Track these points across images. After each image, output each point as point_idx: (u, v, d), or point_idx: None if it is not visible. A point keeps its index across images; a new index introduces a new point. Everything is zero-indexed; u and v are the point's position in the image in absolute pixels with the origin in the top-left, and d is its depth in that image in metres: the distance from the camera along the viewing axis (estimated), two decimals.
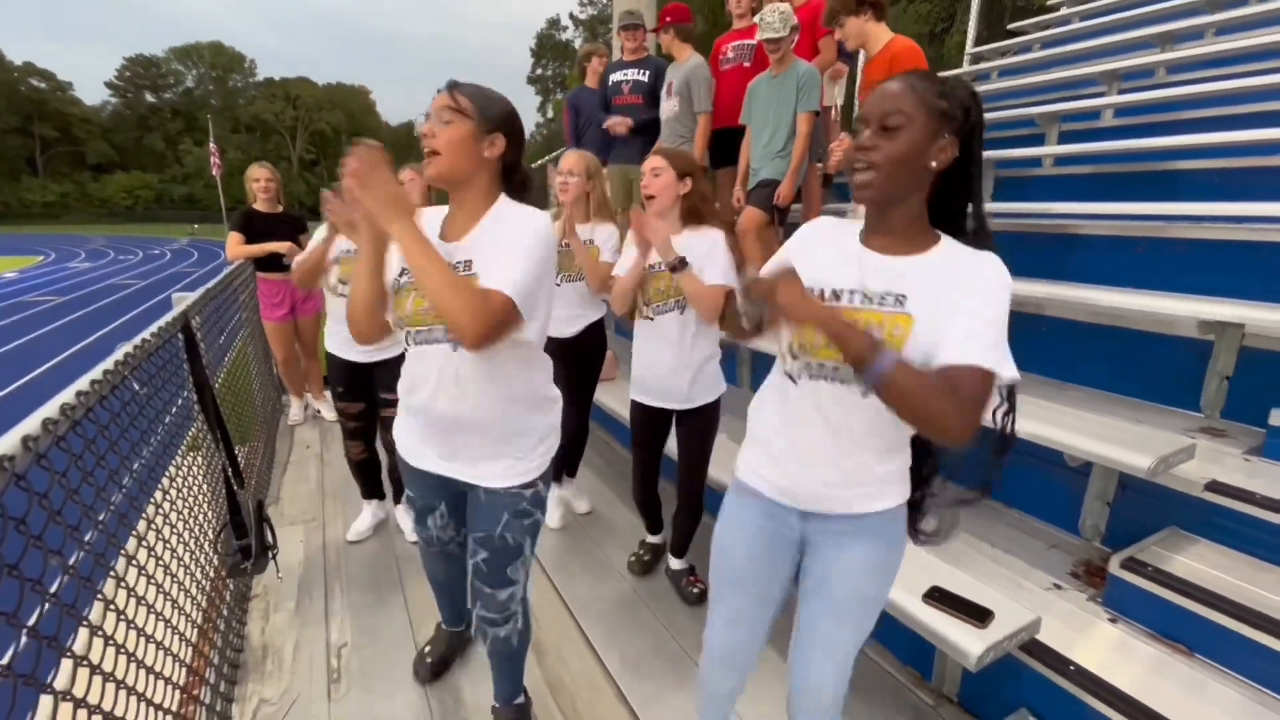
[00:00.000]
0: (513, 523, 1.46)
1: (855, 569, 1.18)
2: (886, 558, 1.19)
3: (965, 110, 1.00)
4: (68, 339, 9.91)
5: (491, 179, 1.32)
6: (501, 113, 1.29)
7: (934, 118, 0.98)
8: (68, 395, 1.08)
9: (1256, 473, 1.81)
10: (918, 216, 1.05)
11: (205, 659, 1.77)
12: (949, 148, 1.00)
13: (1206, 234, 2.49)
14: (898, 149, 0.98)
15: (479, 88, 1.29)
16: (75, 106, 56.40)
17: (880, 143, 0.99)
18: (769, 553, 1.26)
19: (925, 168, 1.00)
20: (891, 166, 0.99)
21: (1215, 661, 1.57)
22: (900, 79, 1.02)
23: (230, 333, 3.33)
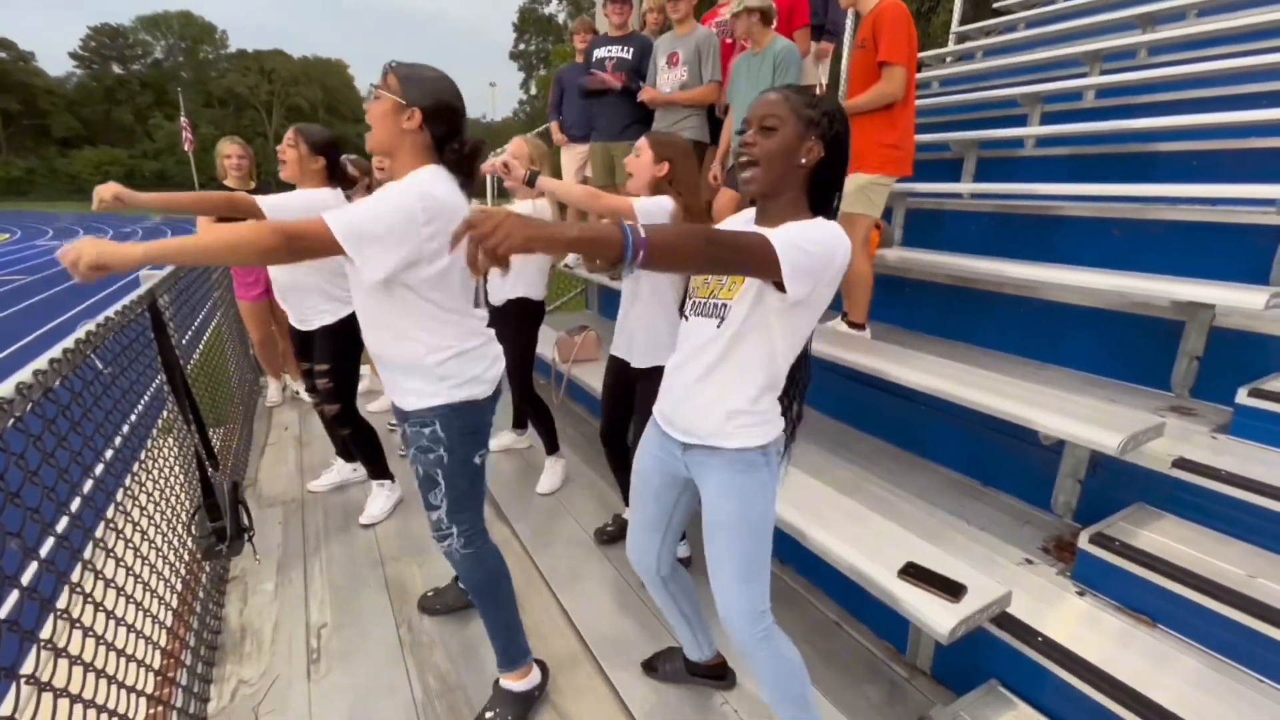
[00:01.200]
0: (419, 456, 1.57)
1: (716, 494, 1.36)
2: (744, 483, 1.33)
3: (830, 120, 1.21)
4: (35, 319, 9.64)
5: (415, 150, 1.45)
6: (421, 90, 1.42)
7: (802, 123, 1.20)
8: (24, 374, 1.04)
9: (1223, 450, 1.86)
10: (791, 205, 1.25)
11: (181, 641, 1.76)
12: (815, 148, 1.21)
13: (1182, 216, 2.52)
14: (772, 145, 1.20)
15: (414, 67, 1.45)
16: (39, 78, 54.25)
17: (759, 140, 1.21)
18: (658, 474, 1.51)
19: (796, 164, 1.21)
20: (768, 160, 1.21)
21: (1177, 632, 1.61)
22: (777, 91, 1.24)
23: (205, 313, 3.26)
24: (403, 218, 1.34)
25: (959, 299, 2.96)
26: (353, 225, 1.30)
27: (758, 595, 1.38)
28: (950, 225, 3.41)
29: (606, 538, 2.62)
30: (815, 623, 2.12)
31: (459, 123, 1.49)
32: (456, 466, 1.58)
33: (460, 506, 1.62)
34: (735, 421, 1.31)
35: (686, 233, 1.06)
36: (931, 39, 13.41)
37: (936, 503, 2.22)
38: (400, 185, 1.39)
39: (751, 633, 1.39)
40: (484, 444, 1.65)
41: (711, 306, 1.30)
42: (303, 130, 2.43)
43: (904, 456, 2.59)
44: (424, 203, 1.36)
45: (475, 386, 1.57)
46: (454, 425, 1.55)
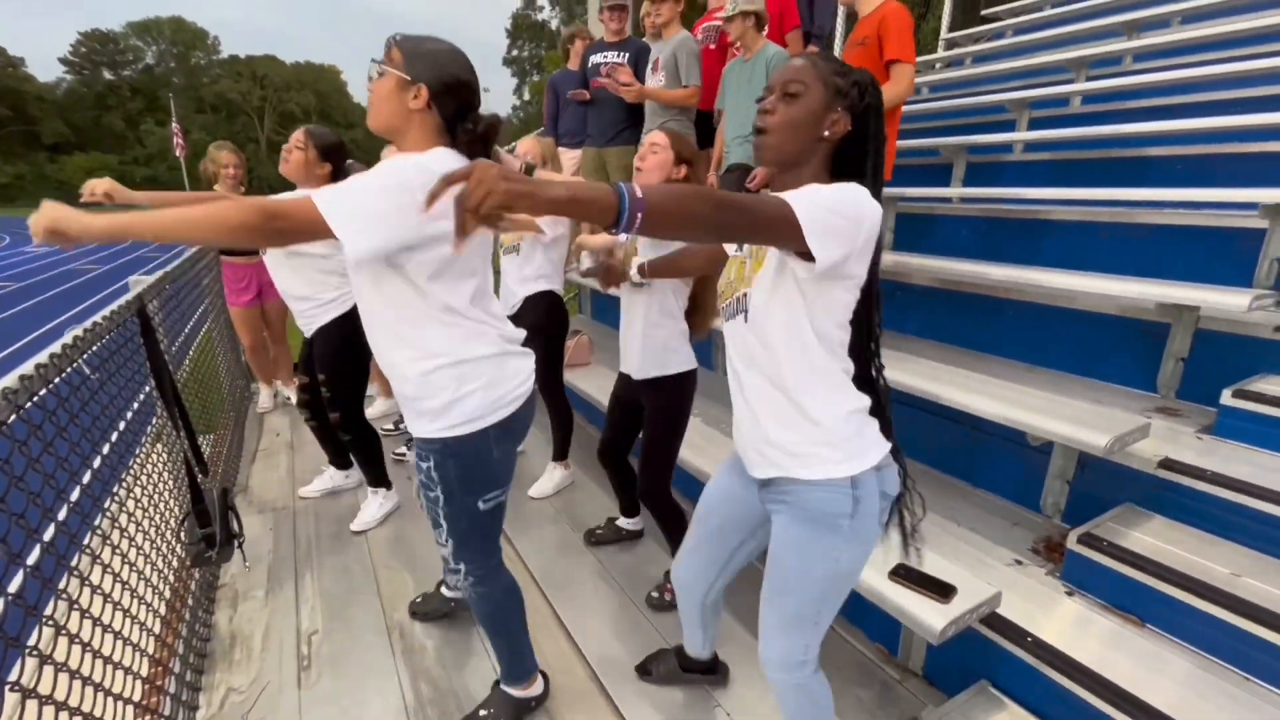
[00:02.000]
0: (421, 489, 1.48)
1: (785, 547, 1.22)
2: (810, 537, 1.17)
3: (861, 91, 1.09)
4: (23, 326, 9.56)
5: (423, 131, 1.31)
6: (428, 66, 1.28)
7: (829, 92, 1.08)
8: (9, 381, 1.04)
9: (1208, 450, 1.88)
10: (813, 182, 1.08)
11: (170, 649, 1.74)
12: (841, 121, 1.09)
13: (1167, 219, 2.55)
14: (793, 113, 1.08)
15: (420, 40, 1.31)
16: (28, 84, 53.87)
17: (779, 107, 1.09)
18: (725, 511, 1.42)
19: (818, 136, 1.09)
20: (786, 128, 1.09)
21: (1166, 632, 1.63)
22: (806, 57, 1.12)
23: (196, 319, 3.24)
24: (402, 189, 1.19)
25: (948, 302, 2.98)
26: (341, 196, 1.16)
27: (799, 646, 1.27)
28: (940, 229, 3.43)
29: (595, 540, 2.60)
30: None
31: (472, 99, 1.34)
32: (455, 511, 1.46)
33: (463, 549, 1.51)
34: (804, 437, 1.13)
35: (689, 192, 0.90)
36: (921, 45, 13.54)
37: (926, 503, 2.23)
38: (398, 158, 1.25)
39: (785, 678, 1.31)
40: (493, 484, 1.48)
41: (734, 304, 1.17)
42: (314, 133, 2.39)
43: None
44: (422, 177, 1.18)
45: (470, 408, 1.38)
46: (449, 465, 1.41)
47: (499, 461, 1.47)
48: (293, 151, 2.37)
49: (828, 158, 1.12)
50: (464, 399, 1.38)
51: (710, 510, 1.46)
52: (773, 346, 1.12)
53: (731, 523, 1.42)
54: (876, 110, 1.11)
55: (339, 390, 2.58)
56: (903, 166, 4.28)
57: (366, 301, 1.36)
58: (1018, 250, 3.00)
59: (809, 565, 1.19)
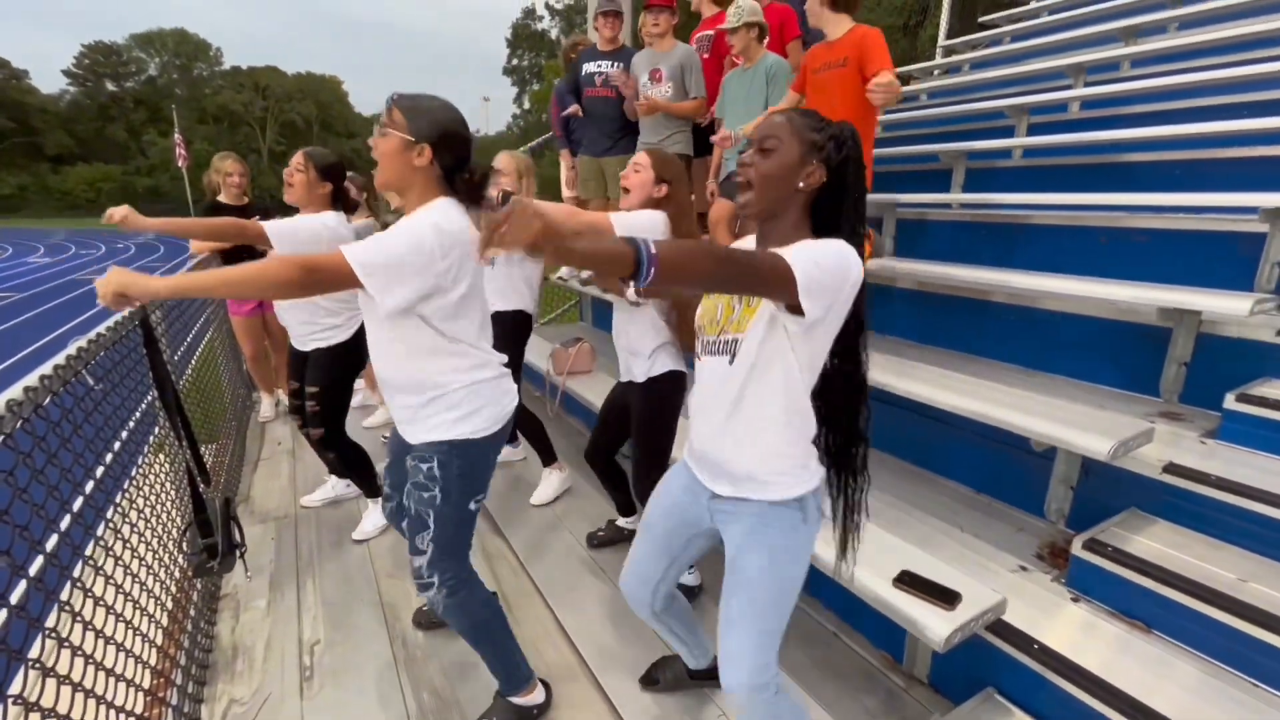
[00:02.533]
0: (413, 492, 1.54)
1: (743, 548, 1.29)
2: (776, 539, 1.27)
3: (838, 144, 1.17)
4: (26, 336, 9.58)
5: (426, 184, 1.44)
6: (428, 124, 1.40)
7: (804, 146, 1.16)
8: (14, 392, 1.04)
9: (1212, 455, 1.87)
10: (793, 230, 1.20)
11: (172, 660, 1.74)
12: (816, 173, 1.17)
13: (1167, 224, 2.55)
14: (769, 167, 1.16)
15: (416, 100, 1.43)
16: (31, 95, 54.26)
17: (757, 161, 1.18)
18: (674, 517, 1.45)
19: (793, 188, 1.17)
20: (763, 181, 1.17)
21: (1172, 638, 1.62)
22: (783, 113, 1.21)
23: (198, 329, 3.25)
24: (420, 252, 1.34)
25: (949, 307, 2.99)
26: (371, 259, 1.31)
27: (762, 664, 1.29)
28: (940, 235, 3.44)
29: (597, 542, 2.64)
30: (812, 633, 2.11)
31: (467, 151, 1.47)
32: (449, 510, 1.53)
33: (444, 554, 1.56)
34: (769, 467, 1.25)
35: (697, 250, 0.99)
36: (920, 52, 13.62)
37: (929, 510, 2.22)
38: (414, 219, 1.39)
39: (751, 699, 1.31)
40: (481, 489, 1.60)
41: (722, 344, 1.25)
42: (312, 155, 2.44)
43: (895, 464, 2.60)
44: (440, 238, 1.36)
45: (479, 421, 1.54)
46: (453, 464, 1.51)
47: (489, 467, 1.63)
48: (294, 175, 2.41)
49: (805, 208, 1.20)
50: (473, 414, 1.53)
51: (652, 522, 1.51)
52: (758, 389, 1.21)
53: (674, 531, 1.48)
54: (855, 162, 1.18)
55: (325, 409, 2.55)
56: (902, 173, 4.30)
57: (379, 335, 1.50)
58: (1018, 255, 3.00)
59: (768, 565, 1.27)
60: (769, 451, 1.25)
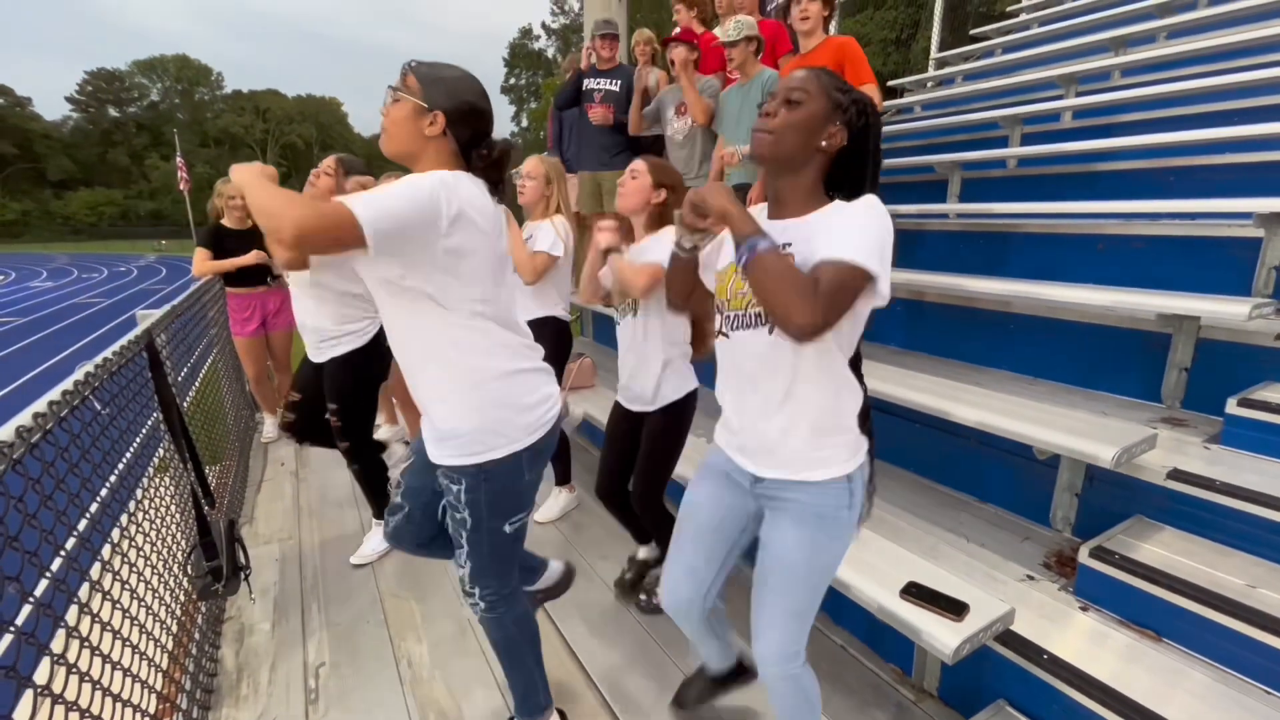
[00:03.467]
0: (448, 508, 1.47)
1: (783, 540, 1.26)
2: (819, 533, 1.24)
3: (860, 110, 1.15)
4: (30, 361, 9.61)
5: (439, 157, 1.32)
6: (444, 93, 1.30)
7: (830, 105, 1.13)
8: (24, 418, 1.05)
9: (1216, 460, 1.87)
10: (808, 191, 1.17)
11: (177, 685, 1.72)
12: (839, 134, 1.14)
13: (1163, 230, 2.58)
14: (794, 118, 1.13)
15: (434, 68, 1.33)
16: (35, 122, 54.95)
17: (781, 111, 1.14)
18: (720, 508, 1.39)
19: (815, 146, 1.14)
20: (785, 131, 1.13)
21: (1183, 645, 1.61)
22: (809, 69, 1.17)
23: (201, 350, 3.27)
24: (426, 196, 1.19)
25: (948, 317, 3.00)
26: (373, 201, 1.15)
27: (796, 636, 1.31)
28: (937, 245, 3.46)
29: (629, 585, 2.42)
30: (820, 647, 2.09)
31: (486, 125, 1.37)
32: (481, 535, 1.45)
33: (483, 573, 1.50)
34: (820, 443, 1.20)
35: (791, 274, 1.03)
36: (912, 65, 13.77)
37: (934, 520, 2.22)
38: (417, 176, 1.24)
39: (782, 670, 1.33)
40: (519, 508, 1.48)
41: (756, 316, 1.18)
42: (345, 162, 2.45)
43: (899, 474, 2.59)
44: (446, 191, 1.21)
45: (508, 434, 1.39)
46: (481, 489, 1.41)
47: (528, 485, 1.48)
48: (321, 177, 2.40)
49: (822, 169, 1.17)
50: (499, 423, 1.38)
51: (699, 515, 1.43)
52: (804, 362, 1.16)
53: (719, 529, 1.41)
54: (876, 131, 1.17)
55: (349, 420, 2.55)
56: (899, 184, 4.34)
57: (395, 323, 1.37)
58: (1015, 264, 3.02)
59: (815, 558, 1.25)
60: (821, 426, 1.20)
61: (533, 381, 1.45)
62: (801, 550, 1.25)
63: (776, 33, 3.63)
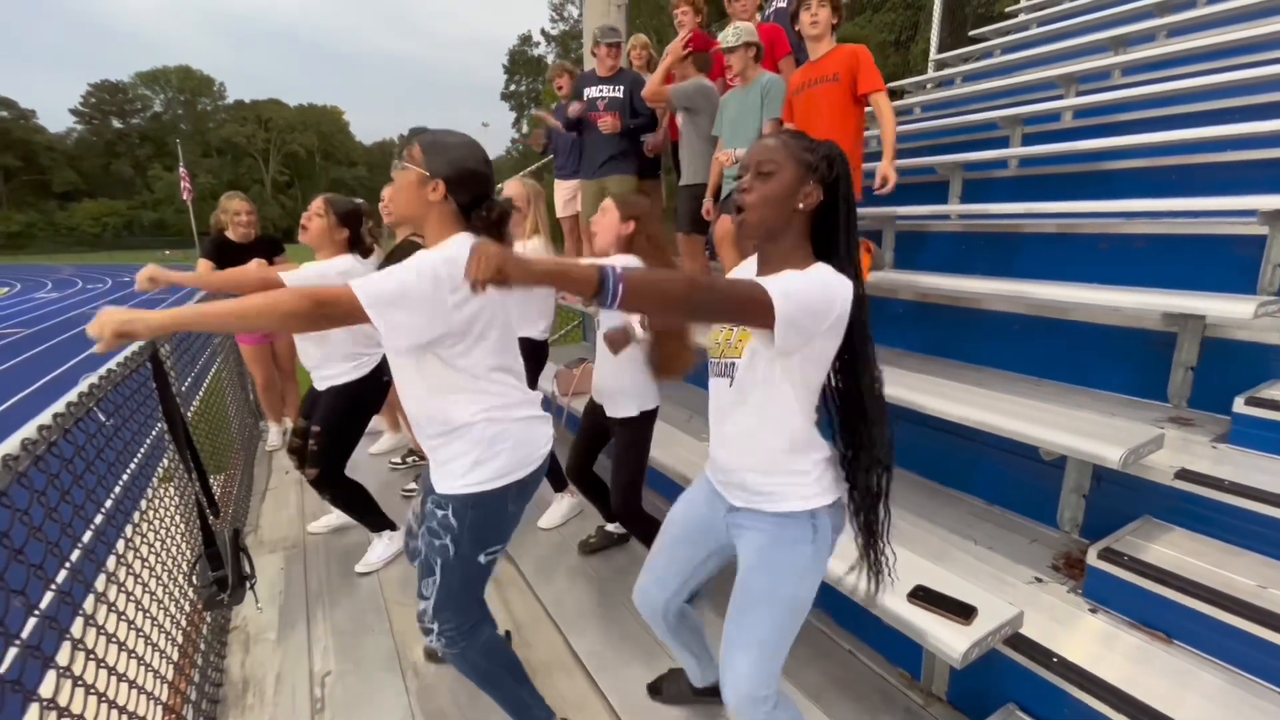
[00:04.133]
0: (426, 536, 1.52)
1: (749, 564, 1.32)
2: (780, 558, 1.29)
3: (830, 163, 1.19)
4: (35, 372, 9.64)
5: (441, 220, 1.43)
6: (445, 161, 1.40)
7: (801, 167, 1.18)
8: (29, 430, 1.05)
9: (1224, 459, 1.86)
10: (793, 250, 1.22)
11: (182, 696, 1.72)
12: (814, 193, 1.19)
13: (1167, 229, 2.57)
14: (768, 190, 1.18)
15: (436, 136, 1.43)
16: (39, 134, 55.35)
17: (755, 185, 1.19)
18: (695, 529, 1.48)
19: (794, 209, 1.19)
20: (763, 205, 1.19)
21: (1193, 647, 1.59)
22: (775, 136, 1.23)
23: (205, 360, 3.28)
24: (428, 284, 1.30)
25: (951, 318, 2.99)
26: (378, 292, 1.27)
27: (764, 679, 1.31)
28: (939, 246, 3.46)
29: (589, 549, 2.75)
30: (827, 650, 2.09)
31: (485, 188, 1.46)
32: (456, 562, 1.49)
33: (446, 604, 1.52)
34: (775, 480, 1.28)
35: (668, 277, 1.02)
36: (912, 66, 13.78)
37: (940, 523, 2.21)
38: (428, 253, 1.37)
39: (749, 712, 1.31)
40: (497, 541, 1.54)
41: (722, 367, 1.30)
42: (332, 201, 2.50)
43: (904, 476, 2.58)
44: (450, 269, 1.31)
45: (497, 466, 1.47)
46: (467, 516, 1.47)
47: (511, 517, 1.56)
48: (312, 219, 2.46)
49: (805, 226, 1.23)
50: (492, 458, 1.47)
51: (674, 529, 1.54)
52: (755, 411, 1.26)
53: (694, 539, 1.50)
54: (845, 179, 1.21)
55: (328, 448, 2.53)
56: (900, 185, 4.33)
57: (400, 371, 1.46)
58: (1018, 264, 3.02)
59: (776, 583, 1.29)
60: (773, 467, 1.28)
61: (529, 425, 1.56)
62: (760, 573, 1.30)
63: (774, 36, 3.65)
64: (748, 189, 1.20)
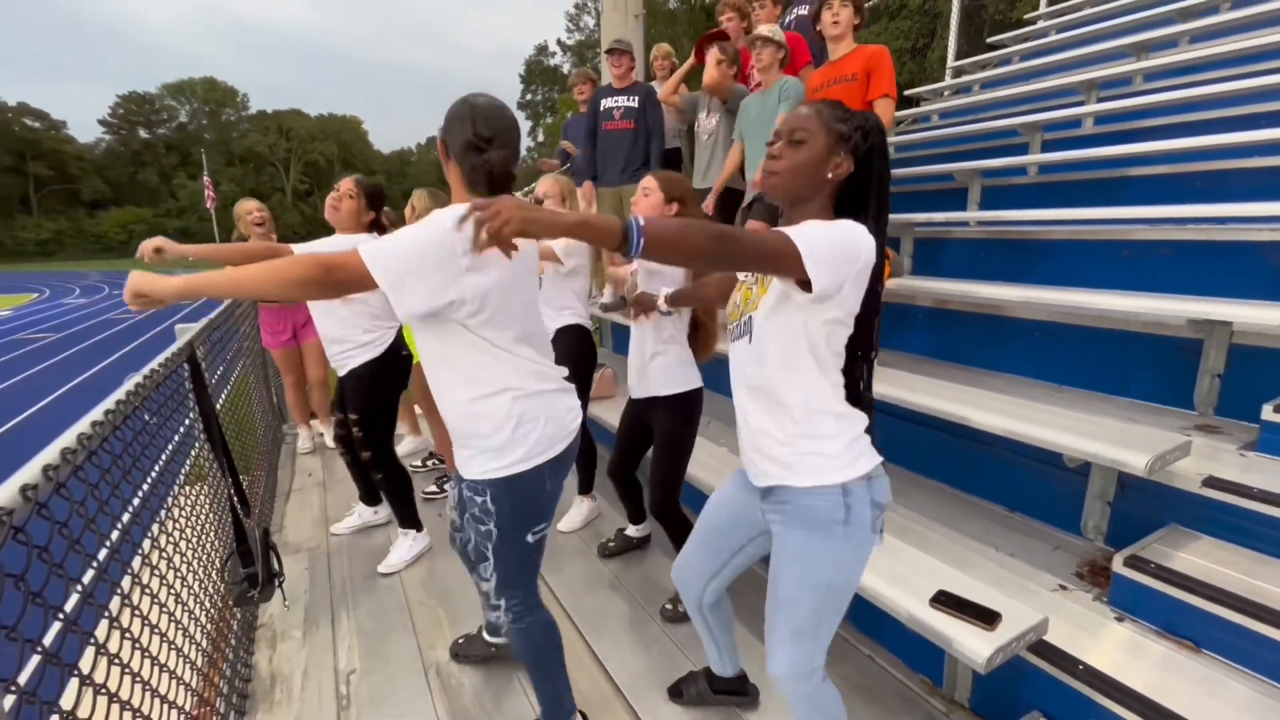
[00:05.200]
0: (471, 523, 1.53)
1: (785, 555, 1.30)
2: (810, 544, 1.26)
3: (864, 134, 1.19)
4: (62, 376, 9.87)
5: (457, 186, 1.46)
6: (444, 120, 1.43)
7: (832, 137, 1.18)
8: (83, 425, 1.10)
9: (1252, 467, 1.84)
10: (818, 215, 1.21)
11: (215, 689, 1.76)
12: (844, 164, 1.19)
13: (1191, 235, 2.55)
14: (799, 158, 1.18)
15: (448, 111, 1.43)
16: (69, 145, 56.80)
17: (786, 152, 1.19)
18: (733, 512, 1.49)
19: (823, 178, 1.19)
20: (792, 171, 1.19)
21: (1222, 656, 1.58)
22: (811, 105, 1.22)
23: (231, 362, 3.35)
24: (436, 245, 1.25)
25: (972, 324, 2.98)
26: (386, 253, 1.22)
27: (807, 653, 1.30)
28: (958, 252, 3.45)
29: (608, 553, 2.76)
30: (848, 656, 2.08)
31: (471, 131, 1.38)
32: (506, 544, 1.50)
33: (508, 583, 1.55)
34: (797, 448, 1.23)
35: (692, 225, 1.00)
36: (928, 74, 13.74)
37: (962, 529, 2.20)
38: (441, 212, 1.30)
39: (795, 688, 1.33)
40: (541, 518, 1.54)
41: (741, 326, 1.28)
42: (363, 183, 2.57)
43: (926, 484, 2.57)
44: (438, 232, 1.25)
45: (528, 446, 1.44)
46: (506, 500, 1.46)
47: (550, 495, 1.55)
48: (343, 200, 2.50)
49: (831, 195, 1.23)
50: (524, 436, 1.44)
51: (711, 515, 1.55)
52: (772, 365, 1.22)
53: (730, 527, 1.50)
54: (880, 151, 1.21)
55: (369, 429, 2.62)
56: (918, 192, 4.33)
57: (422, 341, 1.42)
58: (1038, 271, 3.00)
59: (807, 572, 1.26)
60: (796, 431, 1.23)
61: (556, 398, 1.53)
62: (792, 562, 1.28)
63: (795, 44, 3.69)
64: (779, 155, 1.20)
